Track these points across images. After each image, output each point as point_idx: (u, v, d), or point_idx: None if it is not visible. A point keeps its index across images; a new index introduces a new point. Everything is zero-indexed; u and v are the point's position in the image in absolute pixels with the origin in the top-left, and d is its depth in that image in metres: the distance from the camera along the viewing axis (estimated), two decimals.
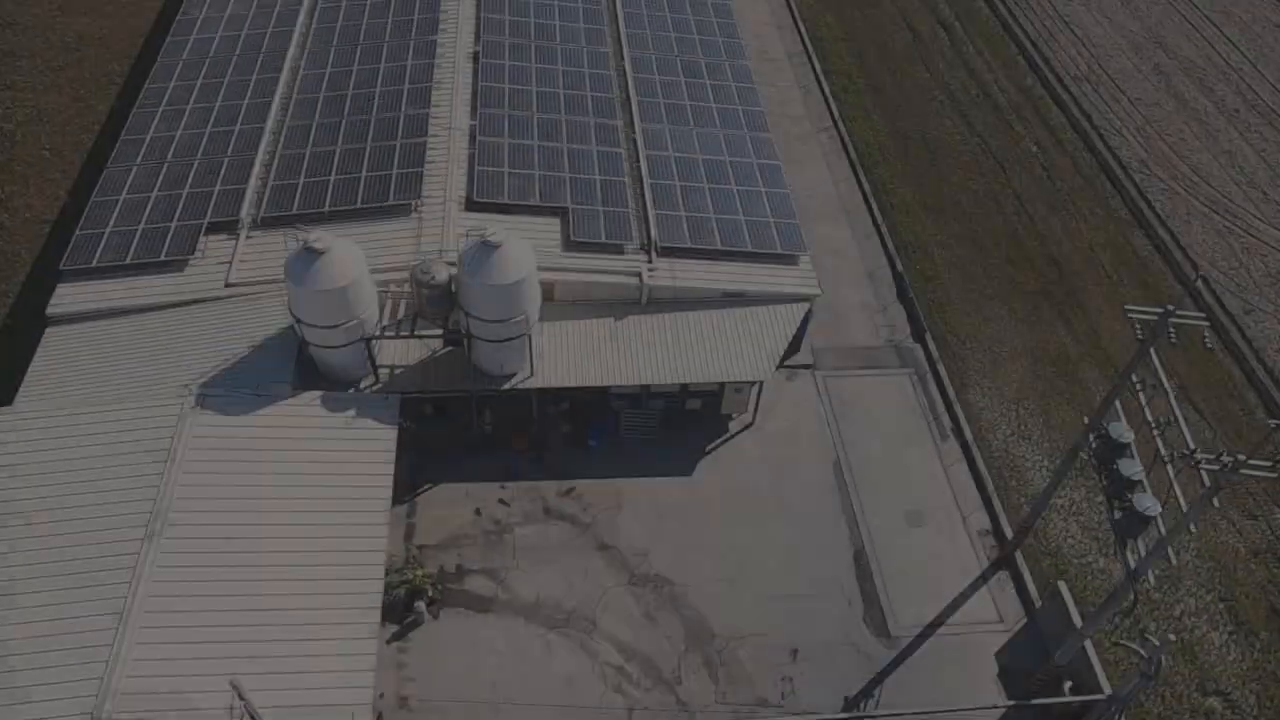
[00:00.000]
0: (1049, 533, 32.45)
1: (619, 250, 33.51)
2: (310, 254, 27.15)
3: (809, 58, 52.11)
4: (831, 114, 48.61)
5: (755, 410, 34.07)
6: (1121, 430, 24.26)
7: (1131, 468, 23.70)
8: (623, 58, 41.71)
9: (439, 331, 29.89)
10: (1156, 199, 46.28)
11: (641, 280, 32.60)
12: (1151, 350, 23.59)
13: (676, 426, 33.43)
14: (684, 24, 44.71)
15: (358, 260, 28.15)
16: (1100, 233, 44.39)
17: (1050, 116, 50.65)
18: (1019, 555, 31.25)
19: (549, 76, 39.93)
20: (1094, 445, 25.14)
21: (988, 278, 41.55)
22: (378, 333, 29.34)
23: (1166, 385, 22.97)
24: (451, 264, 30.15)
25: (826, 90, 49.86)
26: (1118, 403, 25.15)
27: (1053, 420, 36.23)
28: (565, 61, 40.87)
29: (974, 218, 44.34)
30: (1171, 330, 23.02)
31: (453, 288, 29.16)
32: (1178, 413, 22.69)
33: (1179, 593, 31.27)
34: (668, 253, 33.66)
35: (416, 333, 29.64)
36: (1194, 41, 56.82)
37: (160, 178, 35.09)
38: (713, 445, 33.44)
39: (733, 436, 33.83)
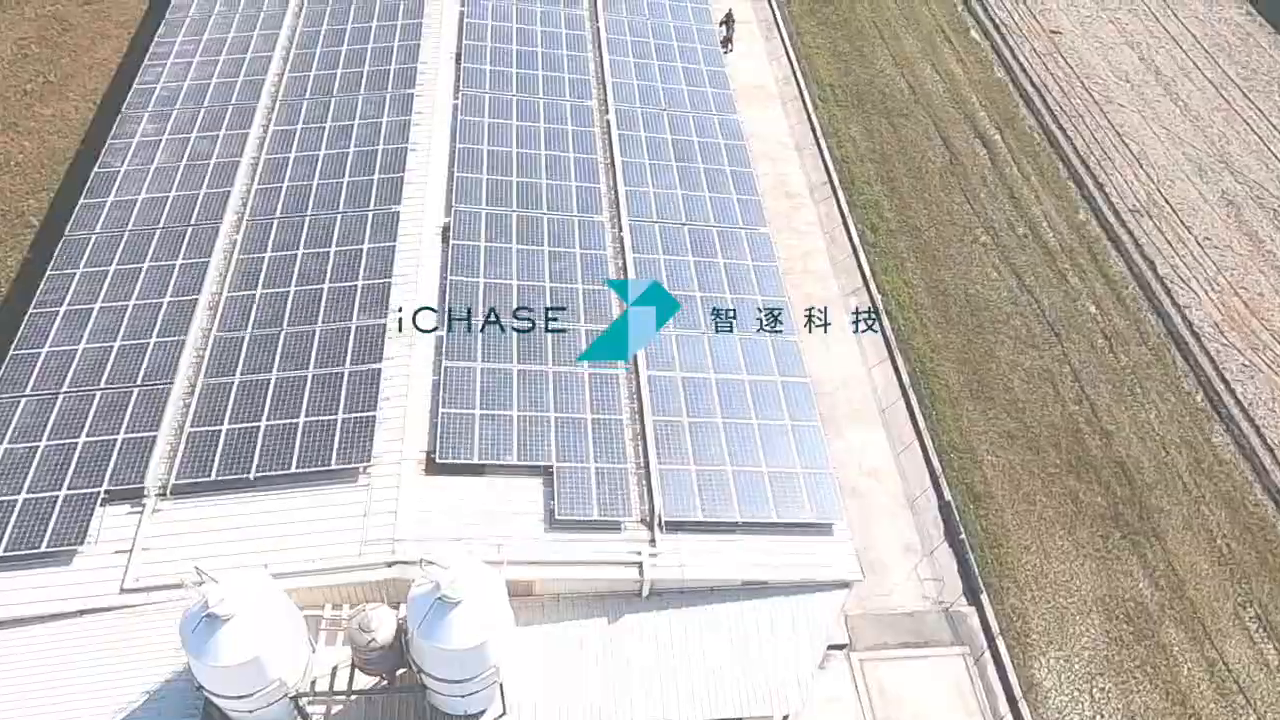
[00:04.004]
0: None
1: (615, 528, 27.14)
2: (212, 620, 20.80)
3: (833, 191, 45.57)
4: (861, 270, 42.18)
5: None
6: None
7: None
8: (620, 228, 35.23)
9: (384, 686, 23.60)
10: (1236, 379, 40.05)
11: (642, 572, 26.34)
12: None
13: None
14: (692, 176, 38.05)
15: (275, 611, 21.75)
16: (1173, 426, 38.17)
17: (1108, 264, 44.31)
18: None
19: (533, 263, 33.38)
20: None
21: (1047, 495, 35.33)
22: (307, 688, 23.03)
23: None
24: (404, 576, 23.95)
25: (854, 238, 43.39)
26: None
27: (1133, 706, 30.16)
28: (552, 239, 34.33)
29: (1027, 408, 38.07)
30: None
31: (402, 635, 22.88)
32: None
33: None
34: (674, 528, 27.32)
35: (355, 689, 23.34)
36: (1264, 161, 50.42)
37: (52, 417, 28.52)
38: None
39: None
